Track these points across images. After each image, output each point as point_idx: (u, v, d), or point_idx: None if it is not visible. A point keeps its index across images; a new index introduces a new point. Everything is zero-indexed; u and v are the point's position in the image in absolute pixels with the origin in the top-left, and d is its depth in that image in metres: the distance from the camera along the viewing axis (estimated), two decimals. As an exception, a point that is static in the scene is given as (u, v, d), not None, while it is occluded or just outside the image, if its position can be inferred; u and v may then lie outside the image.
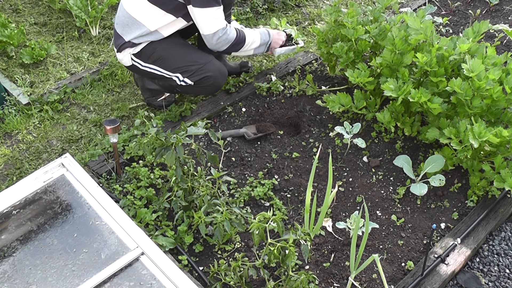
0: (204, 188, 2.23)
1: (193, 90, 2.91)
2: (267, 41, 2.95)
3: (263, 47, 2.96)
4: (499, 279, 2.21)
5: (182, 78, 2.77)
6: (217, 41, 2.71)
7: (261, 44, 2.93)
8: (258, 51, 2.96)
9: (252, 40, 2.86)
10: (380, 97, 2.83)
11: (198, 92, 2.97)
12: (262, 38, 2.92)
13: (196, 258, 2.24)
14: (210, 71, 2.76)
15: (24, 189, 2.12)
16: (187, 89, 2.87)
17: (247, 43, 2.84)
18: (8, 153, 2.80)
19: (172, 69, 2.76)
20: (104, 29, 3.71)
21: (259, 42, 2.90)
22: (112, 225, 2.00)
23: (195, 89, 2.87)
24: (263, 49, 2.98)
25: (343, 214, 2.44)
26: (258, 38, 2.90)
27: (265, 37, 2.94)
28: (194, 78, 2.76)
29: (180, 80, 2.78)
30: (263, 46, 2.95)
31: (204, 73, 2.75)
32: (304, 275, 1.94)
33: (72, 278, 1.83)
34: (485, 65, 2.45)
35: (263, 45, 2.95)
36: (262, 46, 2.95)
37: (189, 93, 3.01)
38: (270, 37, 2.96)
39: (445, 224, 2.40)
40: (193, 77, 2.76)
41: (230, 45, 2.76)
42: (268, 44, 2.96)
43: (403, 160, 2.55)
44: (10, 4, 3.93)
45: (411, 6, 3.96)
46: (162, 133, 2.18)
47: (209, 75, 2.76)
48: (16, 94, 3.08)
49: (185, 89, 2.87)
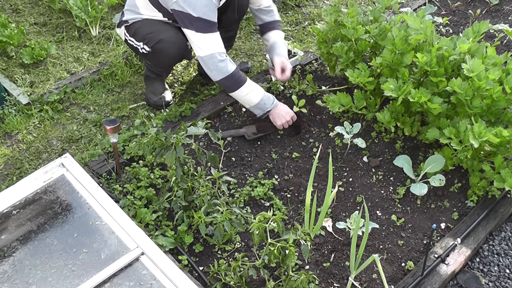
0: (204, 188, 2.22)
1: (153, 59, 2.85)
2: (266, 108, 2.72)
3: (258, 111, 2.73)
4: (499, 279, 2.21)
5: (143, 46, 2.78)
6: (214, 66, 2.58)
7: (258, 104, 2.70)
8: (254, 110, 2.74)
9: (251, 90, 2.66)
10: (380, 97, 2.83)
11: (156, 62, 2.87)
12: (263, 99, 2.70)
13: (196, 258, 2.24)
14: (163, 37, 2.71)
15: (24, 189, 2.12)
16: (149, 59, 2.87)
17: (245, 88, 2.65)
18: (8, 153, 2.80)
19: (138, 39, 2.79)
20: (104, 29, 3.71)
21: (257, 101, 2.69)
22: (112, 225, 2.00)
23: (153, 58, 2.83)
24: (258, 112, 2.74)
25: (343, 214, 2.44)
26: (258, 95, 2.68)
27: (268, 101, 2.72)
28: (150, 44, 2.75)
29: (141, 48, 2.80)
30: (259, 110, 2.72)
31: (157, 38, 2.71)
32: (304, 275, 1.94)
33: (72, 278, 1.83)
34: (485, 65, 2.45)
35: (259, 109, 2.72)
36: (257, 109, 2.72)
37: (152, 63, 2.92)
38: (272, 105, 2.73)
39: (445, 224, 2.40)
40: (150, 44, 2.75)
41: (226, 77, 2.60)
42: (266, 111, 2.73)
43: (403, 160, 2.55)
44: (10, 4, 3.93)
45: (411, 6, 3.95)
46: (162, 133, 2.18)
47: (161, 39, 2.70)
48: (16, 94, 3.08)
49: (148, 59, 2.88)
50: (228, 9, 2.86)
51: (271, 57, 2.96)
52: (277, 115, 2.75)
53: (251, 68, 3.38)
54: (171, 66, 2.98)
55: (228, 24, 3.01)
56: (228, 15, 2.92)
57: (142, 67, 3.42)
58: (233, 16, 2.96)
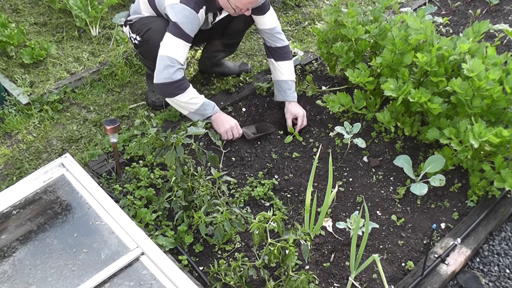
0: (204, 188, 2.22)
1: (143, 50, 2.85)
2: (206, 113, 2.70)
3: (198, 116, 2.70)
4: (499, 279, 2.21)
5: (135, 37, 2.80)
6: (162, 67, 2.53)
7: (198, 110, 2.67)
8: (193, 116, 2.70)
9: (192, 96, 2.61)
10: (380, 97, 2.83)
11: (146, 54, 2.85)
12: (203, 105, 2.67)
13: (196, 258, 2.24)
14: (152, 26, 2.70)
15: (24, 189, 2.12)
16: (141, 50, 2.87)
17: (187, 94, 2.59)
18: (8, 153, 2.80)
19: (134, 31, 2.81)
20: (104, 29, 3.71)
21: (196, 107, 2.65)
22: (112, 225, 2.00)
23: (143, 49, 2.82)
24: (198, 118, 2.70)
25: (343, 214, 2.44)
26: (198, 101, 2.65)
27: (208, 107, 2.70)
28: (140, 33, 2.76)
29: (134, 39, 2.82)
30: (199, 115, 2.69)
31: (147, 28, 2.72)
32: (304, 275, 1.94)
33: (72, 278, 1.83)
34: (485, 65, 2.45)
35: (199, 114, 2.69)
36: (197, 115, 2.69)
37: (144, 56, 2.90)
38: (212, 111, 2.71)
39: (445, 224, 2.40)
40: (140, 33, 2.76)
41: (167, 83, 2.54)
42: (206, 116, 2.71)
43: (403, 160, 2.55)
44: (10, 4, 3.93)
45: (411, 6, 3.96)
46: (162, 133, 2.18)
47: (150, 28, 2.70)
48: (16, 94, 3.08)
49: (140, 51, 2.88)
50: (235, 19, 2.86)
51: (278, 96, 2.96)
52: (220, 122, 2.72)
53: (251, 69, 3.38)
54: None
55: (233, 32, 3.02)
56: (234, 24, 2.94)
57: (142, 67, 3.42)
58: (239, 26, 2.97)
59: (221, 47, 3.16)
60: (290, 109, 2.89)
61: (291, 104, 2.90)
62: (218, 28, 2.91)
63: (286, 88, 2.91)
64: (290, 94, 2.91)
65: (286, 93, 2.91)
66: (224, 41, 3.11)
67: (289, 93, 2.91)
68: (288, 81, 2.91)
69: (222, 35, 3.04)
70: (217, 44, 3.14)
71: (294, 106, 2.90)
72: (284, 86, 2.91)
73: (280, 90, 2.93)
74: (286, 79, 2.91)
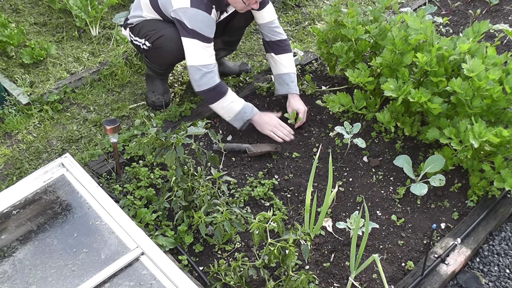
0: (204, 188, 2.22)
1: (153, 56, 2.85)
2: (245, 117, 2.70)
3: (239, 122, 2.70)
4: (499, 279, 2.21)
5: (144, 42, 2.80)
6: (199, 76, 2.58)
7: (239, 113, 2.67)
8: (234, 122, 2.71)
9: (233, 100, 2.65)
10: (380, 97, 2.83)
11: (157, 59, 2.87)
12: (243, 108, 2.68)
13: (196, 258, 2.24)
14: (164, 33, 2.71)
15: (24, 189, 2.12)
16: (149, 56, 2.87)
17: (228, 98, 2.63)
18: (8, 153, 2.80)
19: (141, 36, 2.81)
20: (104, 29, 3.71)
21: (238, 109, 2.66)
22: (112, 225, 2.00)
23: (153, 54, 2.83)
24: (239, 124, 2.71)
25: (343, 214, 2.44)
26: (239, 104, 2.67)
27: (248, 109, 2.70)
28: (151, 40, 2.76)
29: (142, 44, 2.81)
30: (240, 120, 2.70)
31: (158, 34, 2.72)
32: (304, 275, 1.94)
33: (72, 278, 1.83)
34: (485, 65, 2.45)
35: (239, 119, 2.69)
36: (237, 120, 2.70)
37: (152, 61, 2.92)
38: (251, 113, 2.70)
39: (445, 224, 2.40)
40: (151, 39, 2.76)
41: (209, 89, 2.60)
42: (246, 120, 2.70)
43: (403, 160, 2.55)
44: (10, 4, 3.93)
45: (411, 6, 3.96)
46: (162, 133, 2.18)
47: (162, 35, 2.71)
48: (16, 94, 3.08)
49: (148, 56, 2.88)
50: (236, 16, 2.86)
51: (280, 89, 2.94)
52: (262, 122, 2.72)
53: (251, 69, 3.38)
54: (170, 64, 2.98)
55: (234, 30, 3.02)
56: (235, 22, 2.94)
57: (142, 67, 3.42)
58: (240, 23, 2.97)
59: (222, 45, 3.16)
60: (292, 104, 2.88)
61: (294, 98, 2.89)
62: (219, 26, 2.91)
63: (288, 81, 2.90)
64: (293, 86, 2.90)
65: (289, 86, 2.90)
66: (225, 38, 3.11)
67: (292, 85, 2.90)
68: (290, 73, 2.91)
69: (222, 33, 3.04)
70: (218, 42, 3.14)
71: (297, 101, 2.89)
72: (287, 78, 2.90)
73: (282, 84, 2.92)
74: (288, 71, 2.91)
